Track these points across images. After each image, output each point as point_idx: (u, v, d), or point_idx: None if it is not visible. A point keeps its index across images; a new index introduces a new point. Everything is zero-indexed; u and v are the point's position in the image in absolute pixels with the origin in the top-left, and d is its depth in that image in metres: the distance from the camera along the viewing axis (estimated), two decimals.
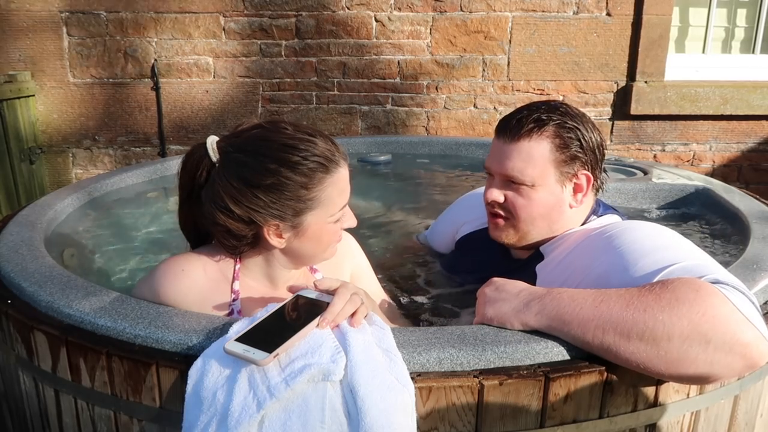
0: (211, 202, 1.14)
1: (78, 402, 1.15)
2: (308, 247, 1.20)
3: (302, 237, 1.18)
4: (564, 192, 1.34)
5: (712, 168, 3.94)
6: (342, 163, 1.18)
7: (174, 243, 2.11)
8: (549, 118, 1.31)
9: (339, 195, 1.17)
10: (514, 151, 1.32)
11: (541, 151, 1.30)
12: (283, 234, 1.17)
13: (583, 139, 1.32)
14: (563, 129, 1.31)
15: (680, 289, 0.96)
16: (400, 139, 3.28)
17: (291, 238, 1.18)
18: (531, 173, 1.31)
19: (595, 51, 3.71)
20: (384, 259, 1.89)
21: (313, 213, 1.15)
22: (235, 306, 1.22)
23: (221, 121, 3.72)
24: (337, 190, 1.16)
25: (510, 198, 1.35)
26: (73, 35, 3.55)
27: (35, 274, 1.31)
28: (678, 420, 1.13)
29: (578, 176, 1.34)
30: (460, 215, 1.76)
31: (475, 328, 1.10)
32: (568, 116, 1.33)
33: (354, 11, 3.61)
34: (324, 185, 1.14)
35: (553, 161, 1.31)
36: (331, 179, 1.15)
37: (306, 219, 1.15)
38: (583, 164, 1.34)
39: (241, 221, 1.13)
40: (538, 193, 1.32)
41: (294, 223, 1.15)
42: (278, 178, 1.11)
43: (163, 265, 1.23)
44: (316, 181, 1.13)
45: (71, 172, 3.75)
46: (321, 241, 1.20)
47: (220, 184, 1.13)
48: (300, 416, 0.91)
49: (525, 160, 1.31)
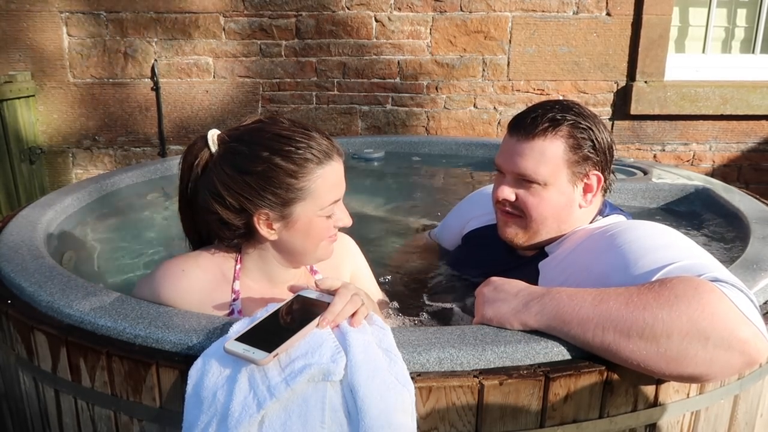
0: (205, 189, 1.16)
1: (78, 402, 1.15)
2: (299, 241, 1.19)
3: (292, 229, 1.17)
4: (575, 192, 1.34)
5: (712, 168, 3.94)
6: (336, 158, 1.18)
7: (174, 243, 2.11)
8: (563, 117, 1.31)
9: (330, 189, 1.17)
10: (528, 149, 1.31)
11: (555, 151, 1.30)
12: (274, 224, 1.17)
13: (595, 140, 1.32)
14: (577, 129, 1.31)
15: (679, 287, 0.96)
16: (400, 139, 3.28)
17: (281, 230, 1.18)
18: (544, 172, 1.31)
19: (595, 51, 3.71)
20: (390, 255, 1.89)
21: (302, 204, 1.15)
22: (235, 306, 1.22)
23: (221, 121, 3.72)
24: (328, 183, 1.16)
25: (521, 197, 1.35)
26: (73, 35, 3.55)
27: (35, 274, 1.31)
28: (678, 420, 1.13)
29: (589, 177, 1.34)
30: (468, 211, 1.76)
31: (475, 328, 1.10)
32: (582, 117, 1.33)
33: (354, 11, 3.61)
34: (314, 176, 1.14)
35: (566, 161, 1.31)
36: (321, 171, 1.15)
37: (295, 210, 1.15)
38: (594, 165, 1.34)
39: (232, 209, 1.15)
40: (549, 192, 1.32)
41: (283, 213, 1.15)
42: (268, 165, 1.12)
43: (164, 265, 1.24)
44: (306, 171, 1.13)
45: (71, 172, 3.75)
46: (311, 235, 1.19)
47: (214, 171, 1.15)
48: (300, 416, 0.91)
49: (538, 158, 1.30)
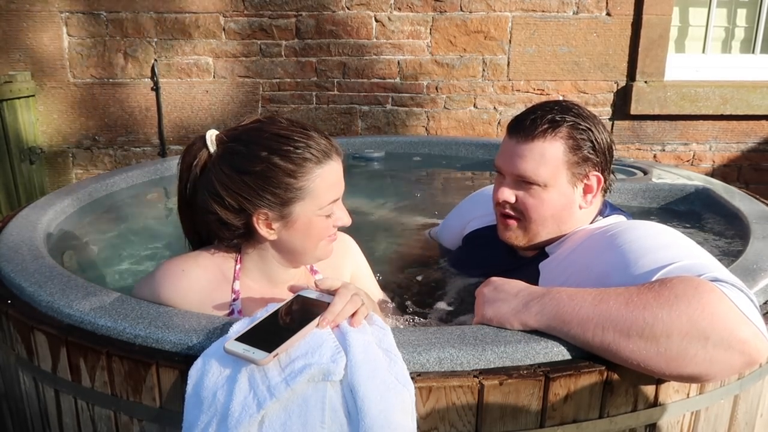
0: (204, 189, 1.16)
1: (78, 402, 1.15)
2: (298, 240, 1.19)
3: (291, 229, 1.17)
4: (575, 193, 1.34)
5: (712, 168, 3.94)
6: (335, 157, 1.17)
7: (174, 243, 2.11)
8: (563, 119, 1.31)
9: (329, 188, 1.17)
10: (527, 150, 1.31)
11: (555, 152, 1.30)
12: (273, 224, 1.17)
13: (595, 141, 1.32)
14: (576, 130, 1.31)
15: (679, 287, 0.96)
16: (399, 139, 3.28)
17: (280, 230, 1.17)
18: (544, 174, 1.31)
19: (595, 51, 3.71)
20: (390, 254, 1.89)
21: (301, 204, 1.15)
22: (235, 306, 1.22)
23: (221, 121, 3.72)
24: (327, 182, 1.16)
25: (521, 198, 1.35)
26: (73, 35, 3.55)
27: (35, 274, 1.31)
28: (678, 420, 1.13)
29: (589, 177, 1.34)
30: (469, 211, 1.76)
31: (475, 328, 1.10)
32: (581, 117, 1.33)
33: (354, 11, 3.61)
34: (313, 176, 1.14)
35: (565, 162, 1.31)
36: (320, 170, 1.15)
37: (294, 210, 1.15)
38: (594, 165, 1.34)
39: (231, 209, 1.15)
40: (549, 193, 1.32)
41: (283, 213, 1.15)
42: (267, 165, 1.12)
43: (164, 266, 1.24)
44: (304, 170, 1.13)
45: (71, 172, 3.75)
46: (310, 234, 1.19)
47: (213, 172, 1.15)
48: (300, 416, 0.91)
49: (538, 160, 1.30)
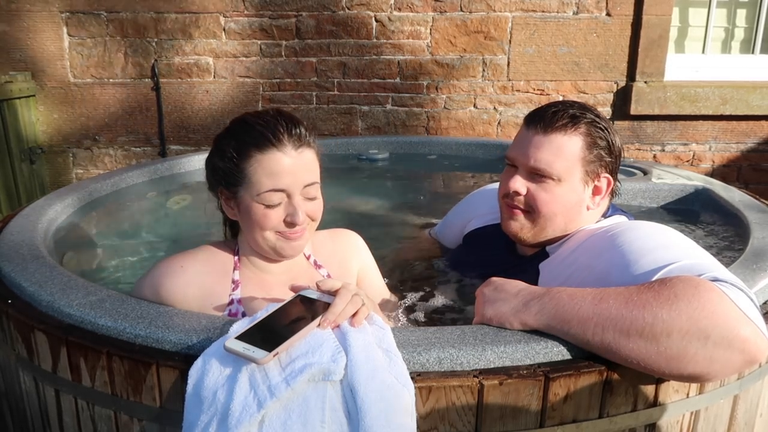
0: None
1: (78, 402, 1.15)
2: (246, 226, 1.23)
3: (240, 211, 1.22)
4: (585, 192, 1.34)
5: (712, 168, 3.94)
6: (284, 149, 1.16)
7: (174, 243, 2.11)
8: (583, 115, 1.32)
9: (267, 176, 1.16)
10: (546, 142, 1.31)
11: (573, 147, 1.30)
12: (230, 203, 1.23)
13: (610, 141, 1.33)
14: (595, 129, 1.32)
15: (679, 286, 0.97)
16: (400, 139, 3.28)
17: (234, 210, 1.23)
18: (559, 167, 1.30)
19: (595, 51, 3.71)
20: (391, 254, 1.89)
21: (243, 187, 1.19)
22: (235, 296, 1.22)
23: (221, 121, 3.72)
24: (266, 171, 1.16)
25: (532, 191, 1.34)
26: (73, 35, 3.55)
27: (35, 274, 1.32)
28: (678, 420, 1.13)
29: (600, 178, 1.34)
30: (470, 210, 1.75)
31: (475, 328, 1.10)
32: (600, 118, 1.34)
33: (354, 11, 3.61)
34: (251, 161, 1.17)
35: (581, 159, 1.31)
36: (260, 157, 1.16)
37: (239, 192, 1.20)
38: (606, 166, 1.34)
39: (210, 185, 1.27)
40: (562, 188, 1.32)
41: (231, 192, 1.21)
42: (221, 144, 1.21)
43: (162, 263, 1.24)
44: (245, 154, 1.17)
45: (71, 172, 3.75)
46: (251, 220, 1.20)
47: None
48: (300, 416, 0.91)
49: (555, 153, 1.30)
